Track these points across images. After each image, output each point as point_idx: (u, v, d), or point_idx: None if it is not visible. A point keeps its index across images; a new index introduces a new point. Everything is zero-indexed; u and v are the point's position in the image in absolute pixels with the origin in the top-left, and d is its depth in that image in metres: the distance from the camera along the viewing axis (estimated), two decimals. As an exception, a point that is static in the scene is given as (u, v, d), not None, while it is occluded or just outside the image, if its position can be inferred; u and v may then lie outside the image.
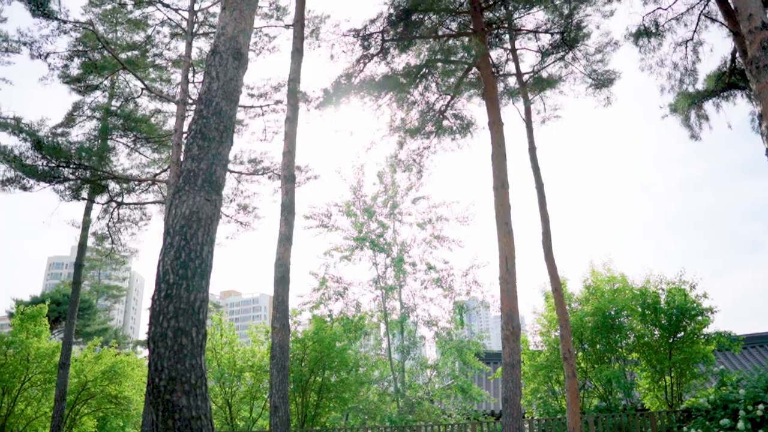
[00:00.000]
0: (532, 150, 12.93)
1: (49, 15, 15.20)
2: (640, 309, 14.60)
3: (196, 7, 17.53)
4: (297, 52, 11.78)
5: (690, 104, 14.35)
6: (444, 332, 17.76)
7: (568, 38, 12.58)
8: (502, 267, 10.47)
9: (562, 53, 13.11)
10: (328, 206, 18.96)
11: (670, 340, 14.33)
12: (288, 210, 10.40)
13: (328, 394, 15.73)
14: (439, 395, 17.44)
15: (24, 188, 16.08)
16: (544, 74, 13.55)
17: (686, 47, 13.91)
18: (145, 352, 41.88)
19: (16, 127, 16.13)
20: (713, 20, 13.46)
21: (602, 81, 13.47)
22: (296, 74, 11.59)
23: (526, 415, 15.77)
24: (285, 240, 10.16)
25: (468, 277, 18.14)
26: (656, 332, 14.65)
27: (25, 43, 16.60)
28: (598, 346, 15.14)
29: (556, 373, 15.08)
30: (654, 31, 13.75)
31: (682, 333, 14.32)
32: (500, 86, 13.74)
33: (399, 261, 18.13)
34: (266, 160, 18.28)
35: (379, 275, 18.31)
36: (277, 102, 18.04)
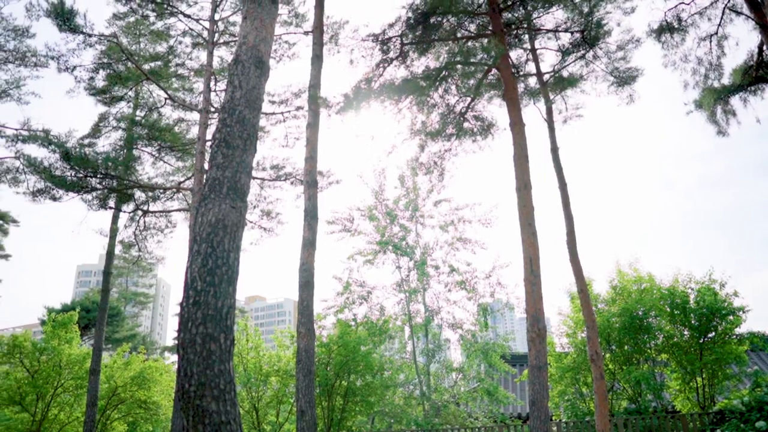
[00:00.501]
0: (555, 150, 12.82)
1: (75, 29, 15.54)
2: (668, 309, 14.36)
3: (217, 16, 17.79)
4: (317, 59, 11.87)
5: (716, 99, 14.08)
6: (469, 335, 17.66)
7: (589, 36, 12.45)
8: (526, 268, 10.38)
9: (582, 52, 12.97)
10: (351, 211, 19.04)
11: (701, 341, 14.06)
12: (311, 215, 10.47)
13: (353, 398, 15.76)
14: (465, 398, 17.34)
15: (54, 198, 16.45)
16: (565, 73, 13.43)
17: (710, 42, 13.67)
18: (173, 358, 42.49)
19: (45, 139, 16.56)
20: (738, 13, 13.20)
21: (624, 79, 13.30)
22: (316, 80, 11.68)
23: (553, 418, 15.60)
24: (309, 245, 10.22)
25: (492, 279, 18.05)
26: (686, 332, 14.39)
27: (52, 57, 17.02)
28: (626, 347, 14.92)
29: (584, 374, 14.90)
30: (677, 26, 13.55)
31: (713, 333, 14.04)
32: (521, 87, 13.65)
33: (422, 264, 18.10)
34: (288, 165, 18.45)
35: (402, 278, 18.30)
36: (298, 108, 18.19)
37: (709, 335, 14.06)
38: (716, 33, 13.49)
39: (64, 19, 15.22)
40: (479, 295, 17.93)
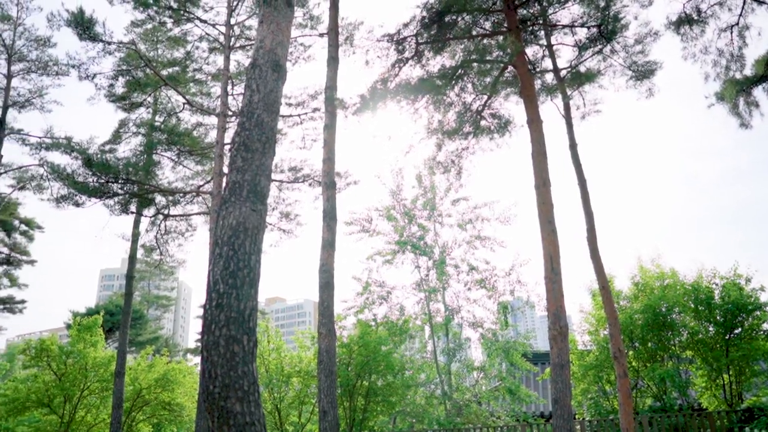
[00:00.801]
0: (573, 146, 12.70)
1: (94, 38, 15.80)
2: (692, 305, 14.14)
3: (232, 21, 17.94)
4: (333, 60, 11.92)
5: (738, 91, 13.81)
6: (489, 333, 17.58)
7: (606, 31, 12.31)
8: (546, 266, 10.31)
9: (599, 46, 12.83)
10: (369, 211, 19.08)
11: (727, 337, 13.82)
12: (330, 216, 10.52)
13: (375, 397, 15.79)
14: (486, 397, 17.26)
15: (77, 204, 16.73)
16: (582, 69, 13.29)
17: (731, 32, 13.42)
18: (195, 360, 42.93)
19: (67, 146, 16.87)
20: (760, 2, 12.94)
21: (643, 72, 13.13)
22: (333, 81, 11.73)
23: (576, 416, 15.46)
24: (328, 246, 10.27)
25: (511, 277, 17.95)
26: (711, 329, 14.16)
27: (73, 66, 17.32)
28: (649, 345, 14.73)
29: (607, 372, 14.74)
30: (696, 18, 13.31)
31: (739, 329, 13.80)
32: (537, 83, 13.54)
33: (441, 263, 18.07)
34: (306, 167, 18.55)
35: (421, 278, 18.29)
36: (315, 110, 18.28)
37: (735, 331, 13.82)
38: (737, 23, 13.24)
39: (84, 28, 15.48)
40: (499, 294, 17.85)
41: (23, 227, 26.09)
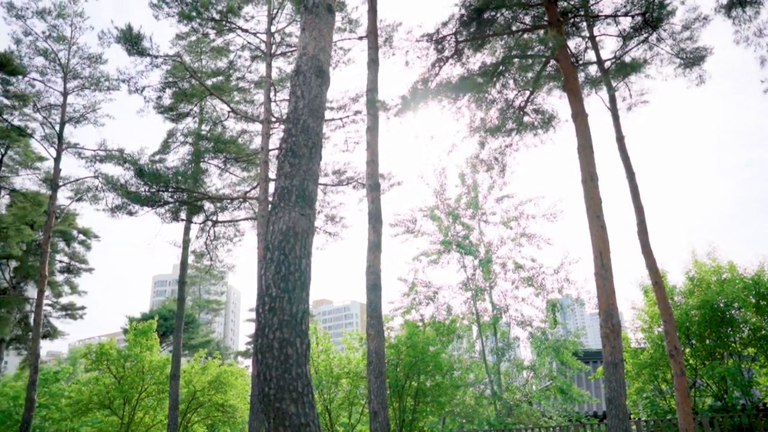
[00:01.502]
0: (620, 139, 12.38)
1: (142, 52, 16.37)
2: (753, 300, 13.56)
3: (273, 29, 18.27)
4: (373, 62, 11.99)
5: (796, 75, 13.17)
6: (538, 332, 17.31)
7: (651, 18, 11.95)
8: (596, 262, 10.09)
9: (645, 35, 12.47)
10: (413, 212, 19.06)
11: (792, 333, 13.21)
12: (375, 218, 10.58)
13: (424, 398, 15.77)
14: (537, 397, 17.00)
15: (130, 213, 17.35)
16: (627, 59, 12.94)
17: (787, 14, 12.82)
18: (246, 362, 43.84)
19: (120, 157, 17.52)
20: (817, -19, 12.31)
21: (692, 60, 12.68)
22: (374, 84, 11.80)
23: (632, 416, 15.05)
24: (374, 248, 10.33)
25: (559, 275, 17.62)
26: (774, 324, 13.55)
27: (123, 80, 18.00)
28: (707, 342, 14.20)
29: (663, 371, 14.29)
30: None
31: (806, 324, 13.16)
32: (581, 76, 13.27)
33: (487, 262, 17.90)
34: (350, 170, 18.71)
35: (468, 277, 18.16)
36: (356, 113, 18.42)
37: (801, 327, 13.19)
38: (793, 4, 12.63)
39: (133, 43, 16.06)
40: (547, 292, 17.54)
41: (81, 237, 27.27)
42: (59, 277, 27.16)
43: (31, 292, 27.27)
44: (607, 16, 12.52)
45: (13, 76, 20.31)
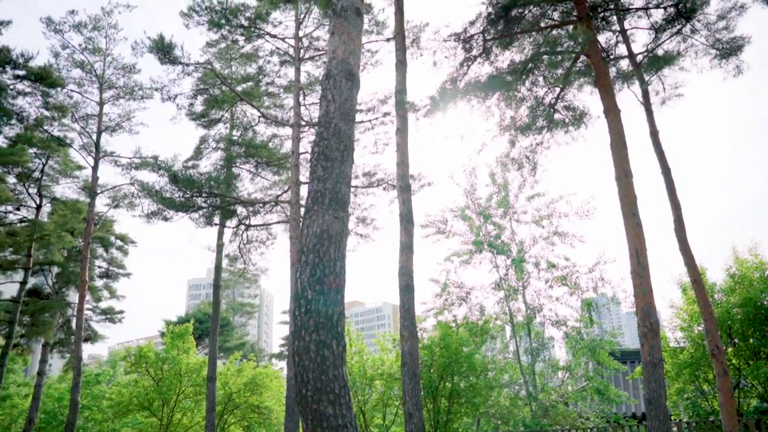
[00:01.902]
0: (654, 134, 12.12)
1: (174, 61, 16.72)
2: (799, 296, 13.11)
3: (301, 33, 18.45)
4: (401, 64, 12.00)
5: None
6: (574, 332, 17.03)
7: (684, 9, 11.67)
8: (633, 260, 9.89)
9: (678, 27, 12.17)
10: (443, 212, 18.97)
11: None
12: (407, 219, 10.58)
13: (458, 399, 15.69)
14: (574, 398, 16.73)
15: (165, 219, 17.74)
16: (660, 52, 12.65)
17: (829, -1, 12.36)
18: (280, 364, 44.27)
19: (154, 164, 17.91)
20: None
21: (728, 50, 12.32)
22: (402, 85, 11.81)
23: (672, 418, 14.70)
24: (406, 249, 10.33)
25: (594, 274, 17.31)
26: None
27: (156, 89, 18.47)
28: (751, 341, 13.76)
29: (704, 371, 13.92)
30: (788, -14, 12.36)
31: None
32: (612, 71, 13.03)
33: (519, 261, 17.71)
34: (380, 172, 18.76)
35: (500, 277, 17.99)
36: (385, 114, 18.47)
37: None
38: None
39: (165, 52, 16.43)
40: (582, 291, 17.25)
41: (119, 243, 27.96)
42: (98, 282, 27.90)
43: (73, 296, 28.11)
44: (638, 9, 12.28)
45: (53, 88, 20.98)
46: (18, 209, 23.95)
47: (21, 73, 19.89)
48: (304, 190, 16.89)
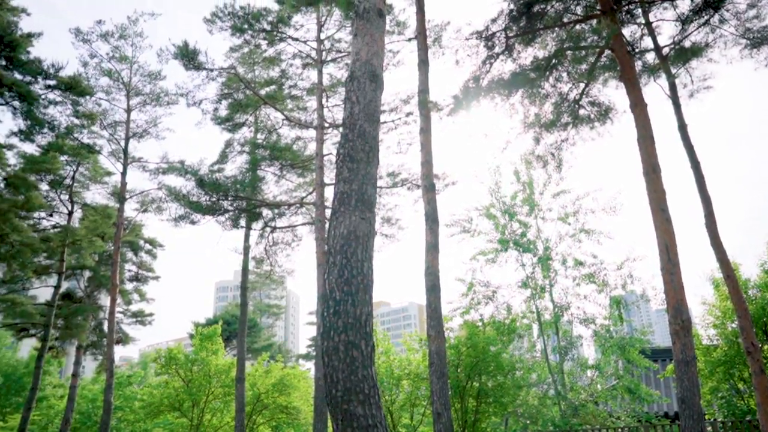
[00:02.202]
0: (683, 127, 11.89)
1: (198, 66, 16.98)
2: (837, 291, 12.75)
3: (322, 36, 18.56)
4: (423, 63, 11.99)
5: None
6: (602, 330, 16.78)
7: (712, -1, 11.42)
8: (663, 257, 9.72)
9: (706, 17, 11.91)
10: (468, 211, 18.87)
11: None
12: (432, 219, 10.56)
13: (486, 399, 15.61)
14: (603, 397, 16.50)
15: (192, 222, 18.01)
16: (687, 44, 12.40)
17: None
18: (307, 365, 44.54)
19: (181, 169, 18.20)
20: None
21: (760, 39, 12.01)
22: (425, 85, 11.80)
23: (706, 417, 14.40)
24: (432, 249, 10.32)
25: (623, 271, 17.03)
26: None
27: (181, 95, 18.77)
28: (787, 337, 13.44)
29: (739, 369, 13.63)
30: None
31: None
32: (638, 65, 12.81)
33: (545, 259, 17.52)
34: (404, 171, 18.76)
35: (527, 275, 17.83)
36: (408, 114, 18.47)
37: None
38: None
39: (189, 58, 16.69)
40: (610, 288, 16.99)
41: (148, 246, 28.48)
42: (129, 286, 28.46)
43: (104, 300, 28.71)
44: (663, 1, 12.06)
45: (82, 96, 21.46)
46: (51, 215, 24.58)
47: (52, 83, 20.40)
48: (328, 192, 17.00)
